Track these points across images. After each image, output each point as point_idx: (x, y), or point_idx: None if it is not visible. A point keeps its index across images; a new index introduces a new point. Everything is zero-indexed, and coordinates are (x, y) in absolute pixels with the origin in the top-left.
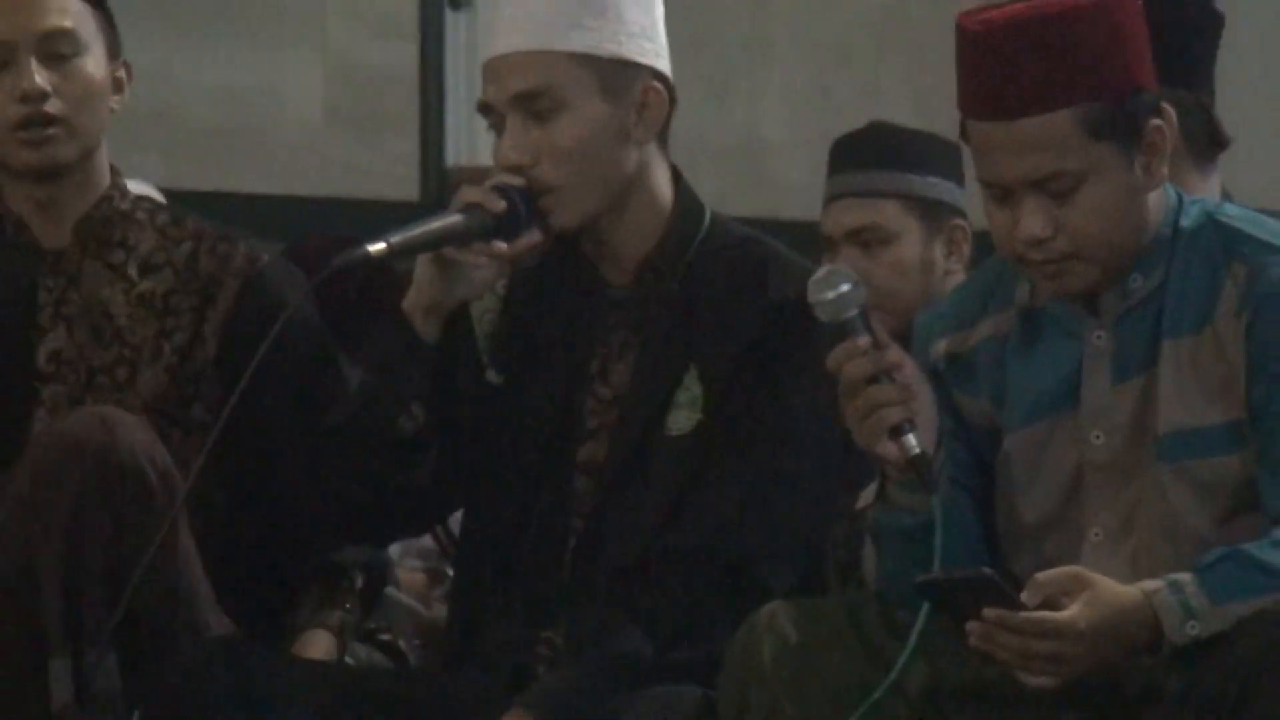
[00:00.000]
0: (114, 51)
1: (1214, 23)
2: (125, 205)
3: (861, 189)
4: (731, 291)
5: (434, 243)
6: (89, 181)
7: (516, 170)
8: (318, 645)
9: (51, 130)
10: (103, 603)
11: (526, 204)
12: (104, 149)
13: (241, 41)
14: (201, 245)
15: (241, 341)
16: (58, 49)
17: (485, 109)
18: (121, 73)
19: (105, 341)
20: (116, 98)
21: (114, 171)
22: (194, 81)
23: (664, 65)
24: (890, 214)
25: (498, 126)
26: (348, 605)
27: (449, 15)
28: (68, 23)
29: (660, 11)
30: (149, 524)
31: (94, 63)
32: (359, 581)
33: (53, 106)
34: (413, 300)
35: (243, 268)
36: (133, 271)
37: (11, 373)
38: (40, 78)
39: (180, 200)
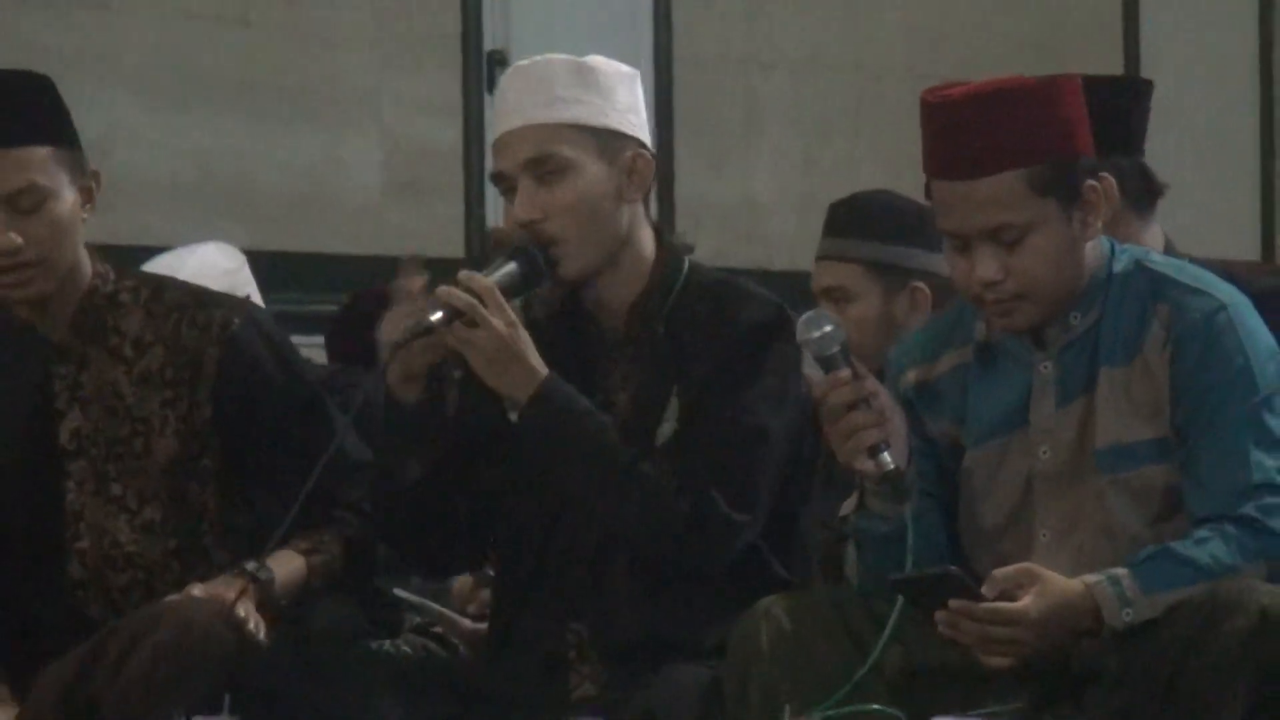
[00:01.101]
0: (79, 173)
1: (1145, 92)
2: (109, 289)
3: (833, 253)
4: (707, 325)
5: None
6: (74, 282)
7: (529, 225)
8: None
9: (30, 273)
10: None
11: (543, 254)
12: (81, 250)
13: (309, 124)
14: (184, 318)
15: (230, 399)
16: (23, 205)
17: (498, 178)
18: (91, 183)
19: (119, 418)
20: (88, 206)
21: (93, 258)
22: (269, 158)
23: (646, 137)
24: (853, 276)
25: (509, 193)
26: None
27: (487, 98)
28: (30, 178)
29: (640, 93)
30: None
31: (60, 202)
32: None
33: (27, 255)
34: (391, 372)
35: (218, 335)
36: (129, 352)
37: (38, 453)
38: (11, 237)
39: (257, 259)
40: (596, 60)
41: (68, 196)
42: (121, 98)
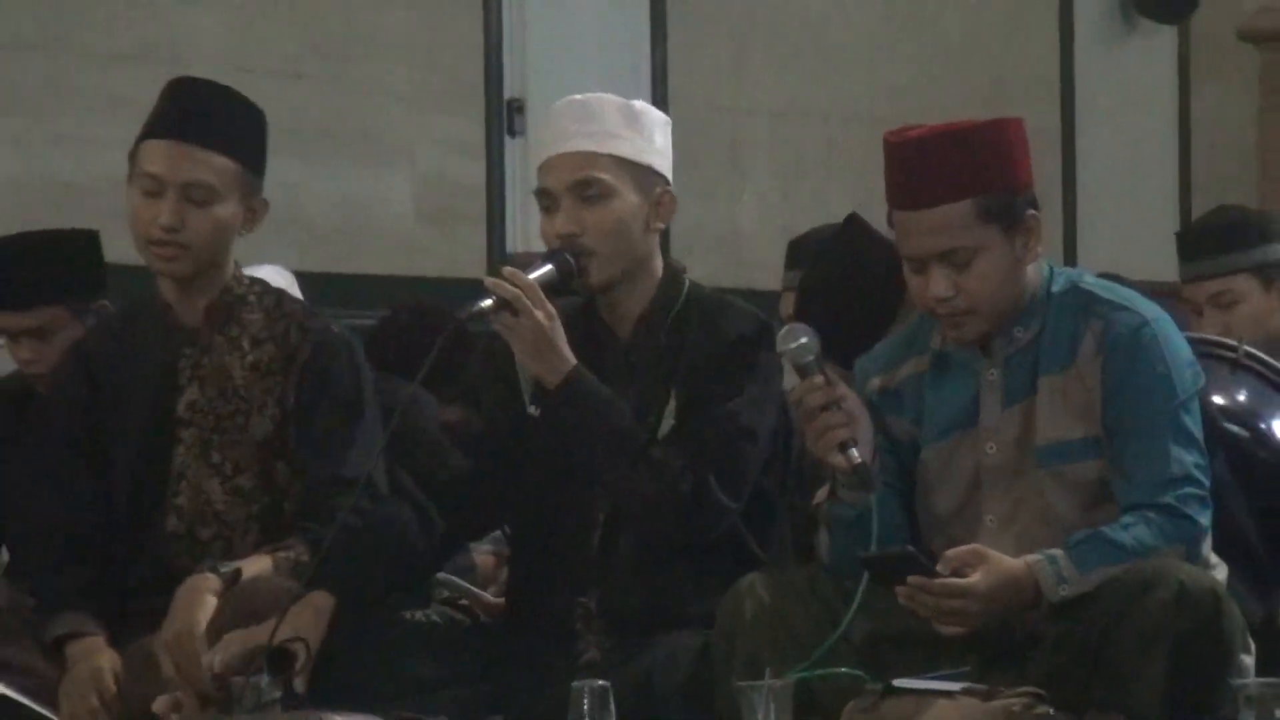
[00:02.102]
0: (250, 194)
1: None
2: (241, 290)
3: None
4: (702, 335)
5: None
6: (216, 277)
7: (569, 238)
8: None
9: (176, 252)
10: None
11: (575, 260)
12: (229, 253)
13: (352, 162)
14: (293, 324)
15: (307, 389)
16: (195, 196)
17: (543, 194)
18: (258, 207)
19: (228, 397)
20: (247, 226)
21: (235, 265)
22: (317, 192)
23: (670, 178)
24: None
25: (550, 208)
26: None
27: (508, 141)
28: (208, 178)
29: (670, 140)
30: None
31: (224, 208)
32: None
33: (181, 238)
34: None
35: (313, 338)
36: (245, 344)
37: (157, 418)
38: (176, 216)
39: (306, 278)
40: (642, 105)
41: (232, 207)
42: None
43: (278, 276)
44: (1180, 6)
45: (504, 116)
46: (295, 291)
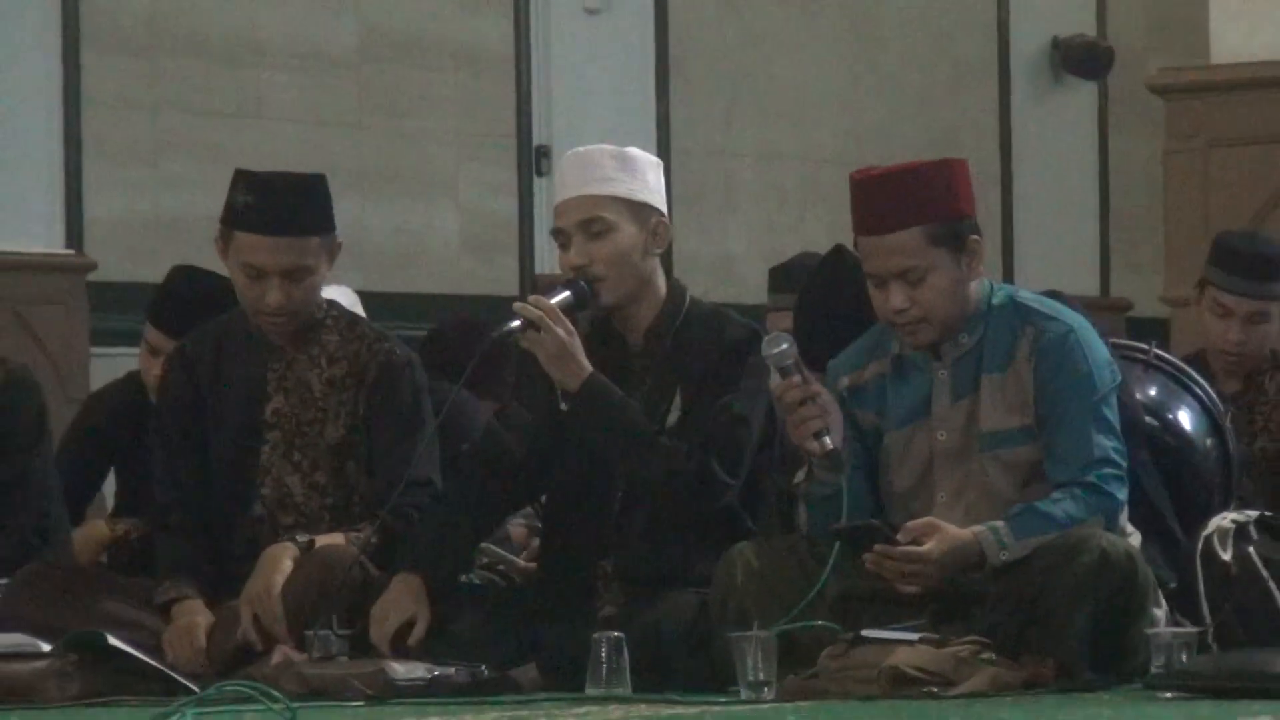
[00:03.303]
0: (331, 249)
1: None
2: (321, 316)
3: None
4: (702, 342)
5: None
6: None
7: (580, 269)
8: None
9: (283, 321)
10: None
11: (589, 286)
12: (319, 296)
13: (407, 199)
14: (364, 345)
15: (376, 403)
16: (295, 275)
17: (558, 233)
18: (336, 249)
19: (307, 406)
20: (329, 268)
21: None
22: (377, 224)
23: (665, 209)
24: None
25: (565, 245)
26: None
27: (536, 181)
28: (305, 260)
29: (663, 177)
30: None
31: (318, 273)
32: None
33: (287, 309)
34: None
35: (381, 358)
36: (323, 362)
37: (248, 422)
38: (282, 296)
39: (367, 297)
40: (634, 151)
41: (322, 268)
42: None
43: (344, 295)
44: (1099, 67)
45: (533, 161)
46: (358, 307)
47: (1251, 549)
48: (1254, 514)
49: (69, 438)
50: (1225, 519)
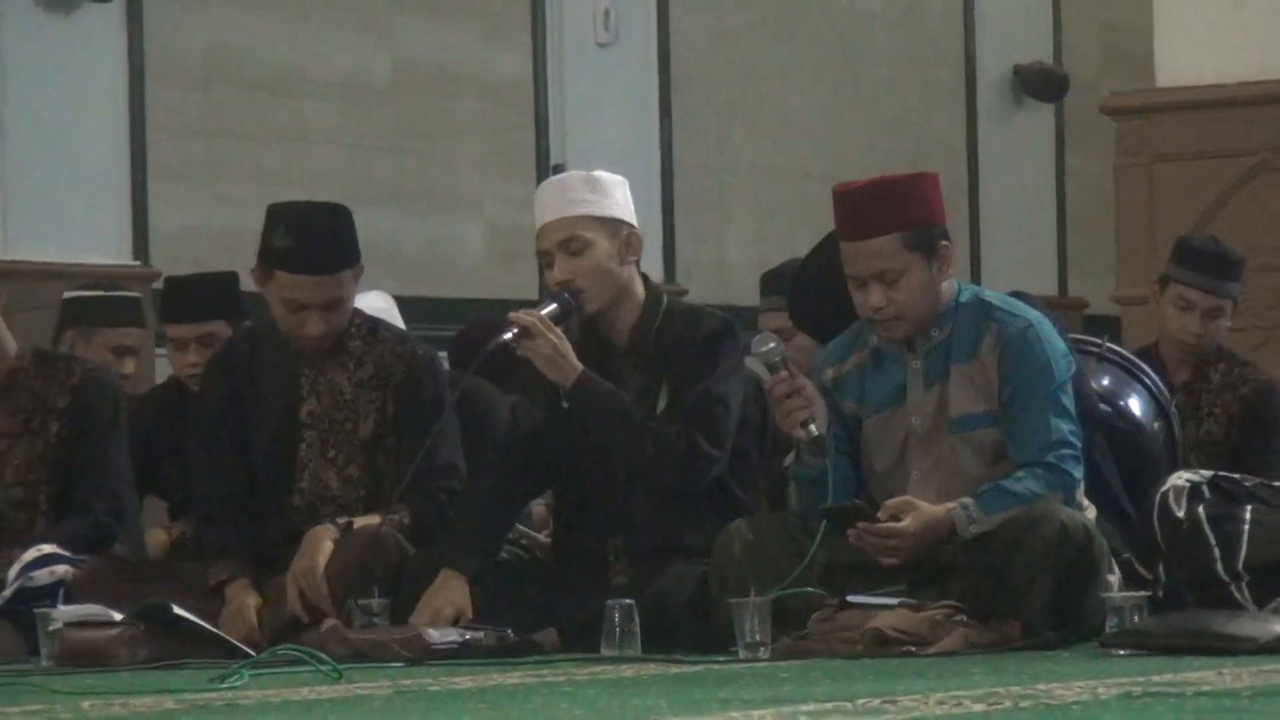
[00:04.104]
0: (359, 273)
1: None
2: (349, 325)
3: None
4: (681, 335)
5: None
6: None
7: (565, 284)
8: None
9: (319, 344)
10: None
11: (573, 297)
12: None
13: (439, 212)
14: (388, 348)
15: (404, 400)
16: (331, 306)
17: (542, 254)
18: (360, 272)
19: (339, 407)
20: (355, 293)
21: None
22: (411, 235)
23: (634, 222)
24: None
25: (549, 264)
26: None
27: None
28: (340, 293)
29: (629, 193)
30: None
31: (350, 299)
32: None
33: (327, 337)
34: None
35: (406, 359)
36: (351, 366)
37: (285, 423)
38: (321, 325)
39: (403, 301)
40: (602, 174)
41: (353, 293)
42: (299, 198)
43: (380, 300)
44: (1055, 91)
45: (550, 177)
46: (394, 311)
47: (1201, 508)
48: (1208, 474)
49: None
50: (1181, 477)
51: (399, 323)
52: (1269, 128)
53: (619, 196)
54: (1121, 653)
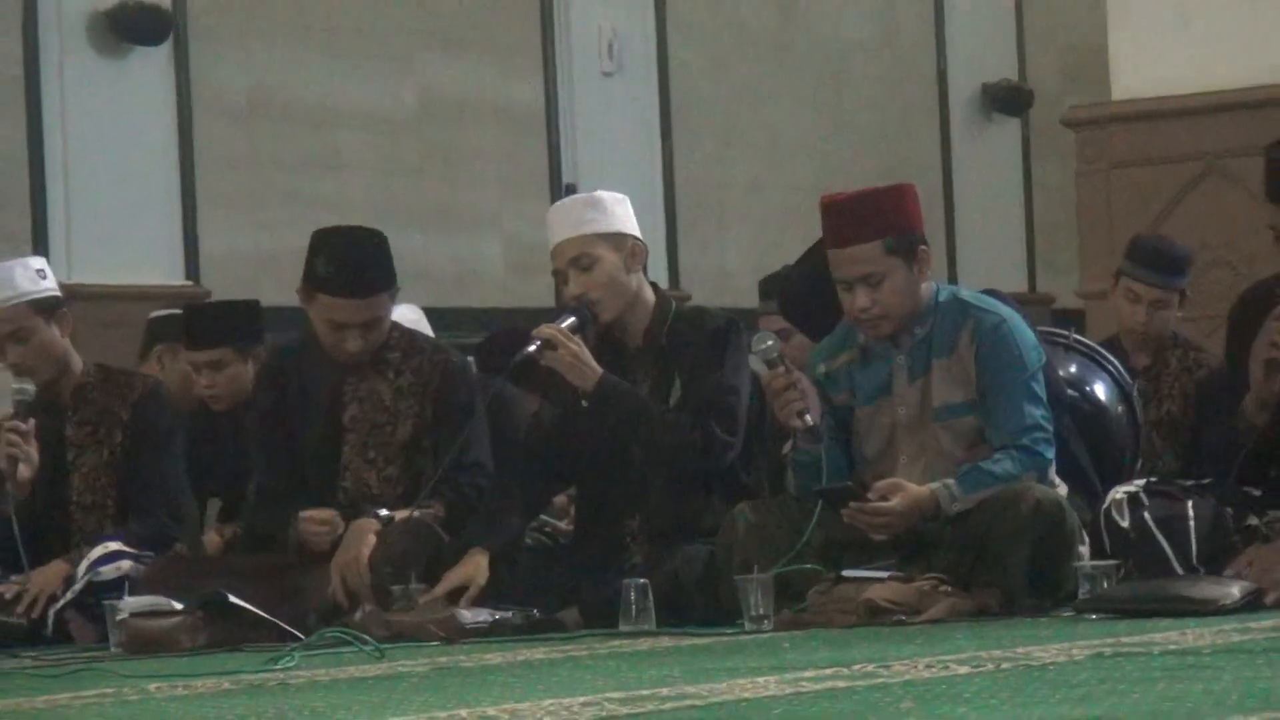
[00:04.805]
0: (393, 298)
1: None
2: (389, 339)
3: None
4: (690, 335)
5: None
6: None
7: (579, 298)
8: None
9: (359, 356)
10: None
11: (589, 308)
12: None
13: (461, 230)
14: (425, 358)
15: (440, 404)
16: (372, 326)
17: (556, 273)
18: (396, 292)
19: (379, 411)
20: (392, 311)
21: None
22: (438, 251)
23: (637, 233)
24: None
25: (564, 281)
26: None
27: None
28: (378, 313)
29: (630, 208)
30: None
31: (386, 323)
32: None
33: (365, 352)
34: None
35: (440, 368)
36: (390, 374)
37: (329, 427)
38: (361, 342)
39: (430, 312)
40: (602, 193)
41: (389, 314)
42: (334, 220)
43: (410, 312)
44: (1021, 106)
45: (563, 196)
46: (424, 322)
47: (1145, 514)
48: (1141, 482)
49: None
50: (1119, 492)
51: (429, 333)
52: (1215, 134)
53: (620, 212)
54: (1093, 617)
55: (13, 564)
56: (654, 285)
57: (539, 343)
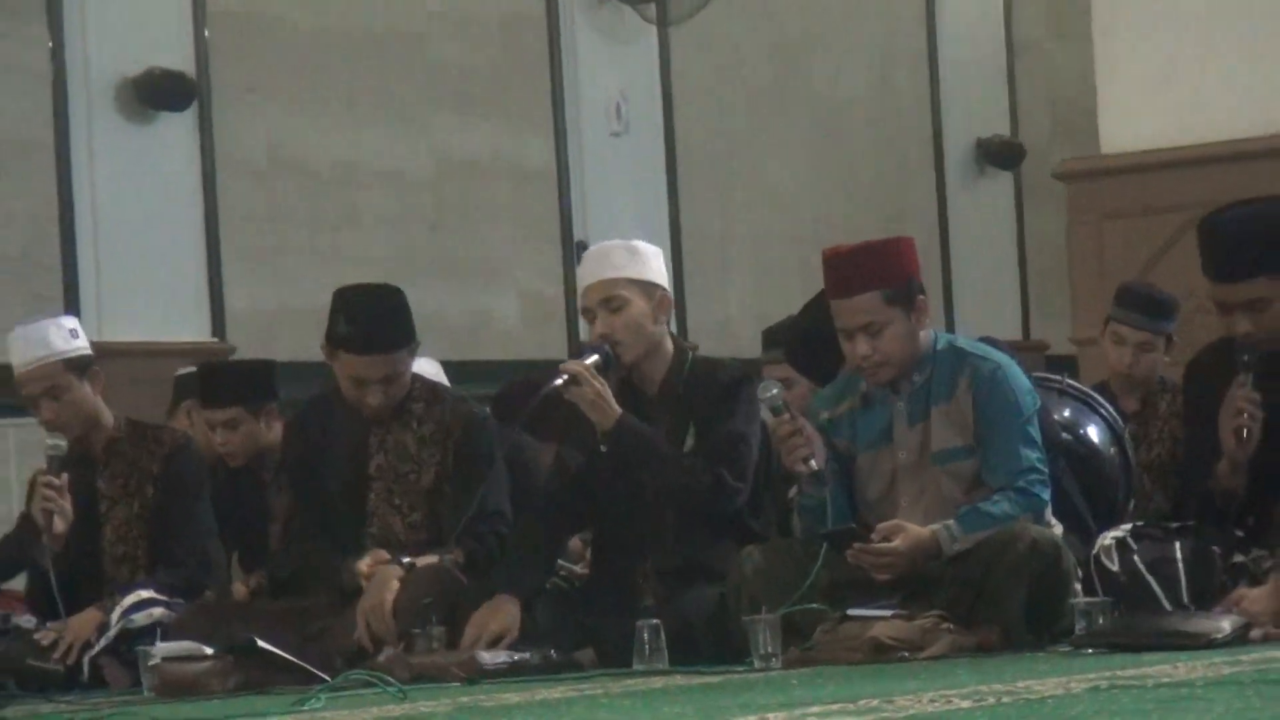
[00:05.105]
0: (413, 354)
1: None
2: (411, 390)
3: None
4: (705, 384)
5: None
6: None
7: (605, 337)
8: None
9: (382, 412)
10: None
11: (612, 348)
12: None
13: (478, 281)
14: (447, 409)
15: (461, 454)
16: (392, 381)
17: (585, 310)
18: (416, 347)
19: (404, 460)
20: (412, 366)
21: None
22: (455, 304)
23: (667, 286)
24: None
25: (591, 320)
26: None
27: (577, 268)
28: (398, 369)
29: (663, 261)
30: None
31: (406, 378)
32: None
33: (386, 407)
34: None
35: (462, 419)
36: (414, 425)
37: (356, 476)
38: (382, 396)
39: (447, 365)
40: (640, 243)
41: (409, 369)
42: (353, 276)
43: (429, 365)
44: (1014, 160)
45: (574, 252)
46: (442, 375)
47: (1135, 557)
48: (1128, 526)
49: None
50: (1107, 537)
51: (445, 382)
52: (1201, 185)
53: (654, 264)
54: (1089, 651)
55: (49, 612)
56: (673, 336)
57: (564, 377)
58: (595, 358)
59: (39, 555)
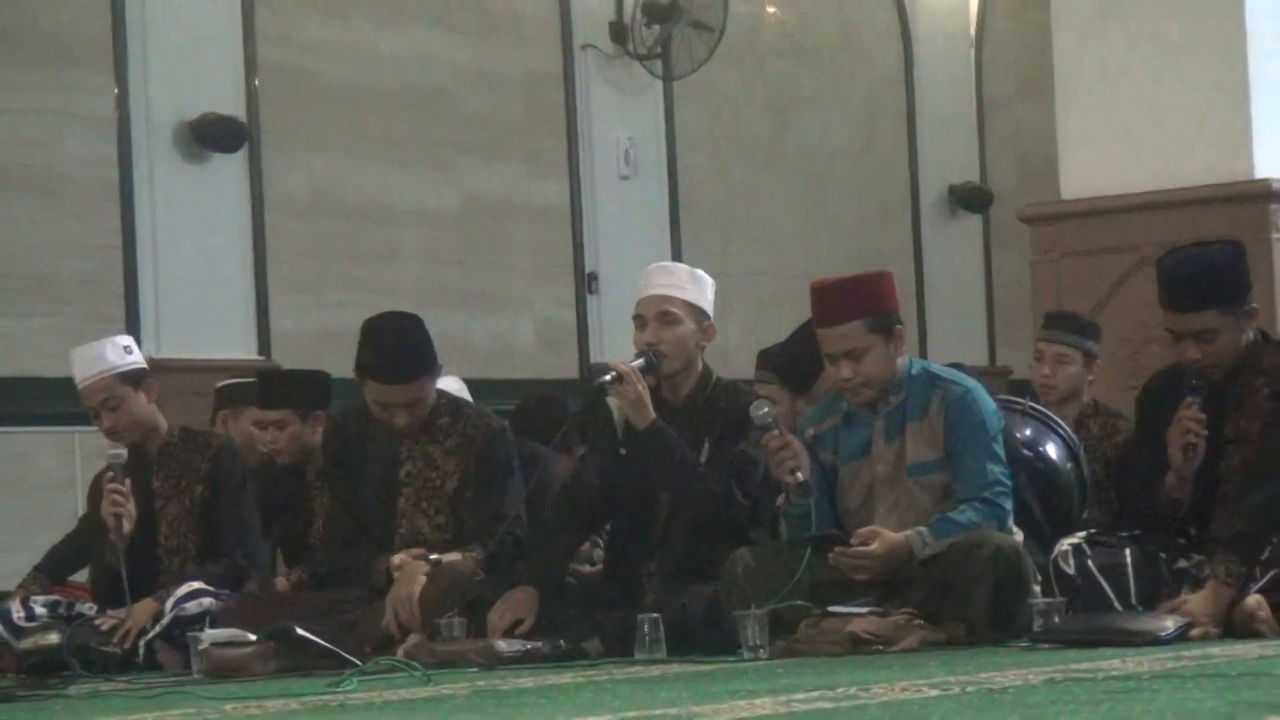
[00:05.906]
0: (435, 379)
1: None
2: (438, 407)
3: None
4: (724, 406)
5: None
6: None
7: (652, 345)
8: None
9: (409, 430)
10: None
11: (656, 357)
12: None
13: (496, 312)
14: (469, 421)
15: (481, 462)
16: (415, 405)
17: (638, 317)
18: (439, 371)
19: (430, 468)
20: (435, 389)
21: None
22: (477, 330)
23: (712, 316)
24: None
25: (642, 327)
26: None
27: (589, 298)
28: (419, 396)
29: (712, 295)
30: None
31: (429, 400)
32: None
33: (412, 428)
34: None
35: (483, 431)
36: (440, 437)
37: (387, 482)
38: (408, 419)
39: (470, 383)
40: (700, 272)
41: (431, 393)
42: (388, 304)
43: (454, 383)
44: (982, 204)
45: (585, 283)
46: (466, 392)
47: (1089, 561)
48: (1083, 534)
49: None
50: (1064, 544)
51: (470, 400)
52: (1151, 228)
53: (709, 294)
54: (1046, 647)
55: (115, 601)
56: (704, 362)
57: (613, 374)
58: (641, 362)
59: (109, 552)
